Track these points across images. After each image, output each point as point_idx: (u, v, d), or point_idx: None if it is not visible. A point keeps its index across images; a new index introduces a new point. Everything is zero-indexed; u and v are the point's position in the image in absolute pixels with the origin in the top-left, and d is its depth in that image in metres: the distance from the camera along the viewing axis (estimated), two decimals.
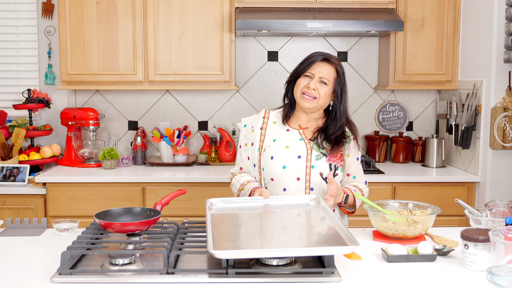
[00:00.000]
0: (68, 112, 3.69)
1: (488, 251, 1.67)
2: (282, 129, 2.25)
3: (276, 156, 2.18)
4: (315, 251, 1.61)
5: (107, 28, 3.50)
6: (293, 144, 2.20)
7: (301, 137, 2.22)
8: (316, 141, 2.21)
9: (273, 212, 1.99)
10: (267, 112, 2.32)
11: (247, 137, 2.29)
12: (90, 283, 1.57)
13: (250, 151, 2.26)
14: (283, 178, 2.17)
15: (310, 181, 2.18)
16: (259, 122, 2.28)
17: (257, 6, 3.50)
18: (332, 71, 2.18)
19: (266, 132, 2.25)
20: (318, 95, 2.15)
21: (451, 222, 3.31)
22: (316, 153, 2.19)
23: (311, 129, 2.25)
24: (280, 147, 2.19)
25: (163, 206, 1.98)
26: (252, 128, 2.28)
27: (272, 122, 2.28)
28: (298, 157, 2.18)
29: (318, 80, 2.15)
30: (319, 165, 2.18)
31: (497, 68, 3.20)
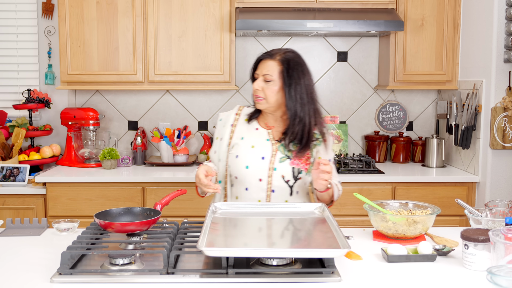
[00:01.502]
0: (68, 112, 3.69)
1: (488, 251, 1.67)
2: (251, 128, 2.24)
3: (241, 155, 2.18)
4: (306, 252, 1.61)
5: (107, 28, 3.50)
6: (259, 144, 2.19)
7: (269, 137, 2.21)
8: (283, 142, 2.17)
9: (276, 218, 1.99)
10: (240, 108, 2.31)
11: (219, 131, 2.30)
12: (90, 283, 1.57)
13: (218, 145, 2.26)
14: (246, 177, 2.17)
15: (271, 183, 2.16)
16: (230, 118, 2.28)
17: (257, 6, 3.50)
18: (274, 65, 2.11)
19: (236, 129, 2.25)
20: (265, 94, 2.11)
21: (451, 222, 3.31)
22: (281, 155, 2.16)
23: (279, 129, 2.21)
24: (246, 147, 2.19)
25: (163, 206, 1.98)
26: (224, 123, 2.29)
27: (244, 120, 2.27)
28: (262, 158, 2.16)
29: (262, 80, 2.12)
30: (282, 167, 2.15)
31: (497, 68, 3.20)
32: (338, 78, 3.96)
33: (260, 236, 1.81)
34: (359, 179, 3.35)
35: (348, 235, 2.01)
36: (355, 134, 4.00)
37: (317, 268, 1.63)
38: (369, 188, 3.36)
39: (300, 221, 1.95)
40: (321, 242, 1.71)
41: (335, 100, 3.97)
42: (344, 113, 3.98)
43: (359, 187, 3.35)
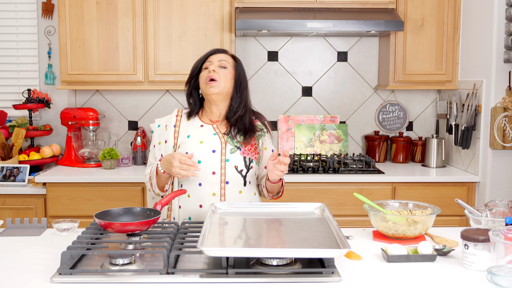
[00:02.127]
0: (68, 112, 3.69)
1: (488, 251, 1.67)
2: (196, 125, 2.27)
3: (191, 151, 2.19)
4: (306, 252, 1.61)
5: (107, 28, 3.50)
6: (207, 138, 2.22)
7: (215, 131, 2.25)
8: (230, 134, 2.24)
9: (276, 218, 1.99)
10: (180, 111, 2.34)
11: (161, 136, 2.29)
12: (90, 283, 1.57)
13: (164, 148, 2.25)
14: (199, 173, 2.17)
15: (225, 175, 2.19)
16: (172, 120, 2.30)
17: (257, 6, 3.50)
18: (229, 57, 2.27)
19: (180, 129, 2.27)
20: (219, 77, 2.19)
21: (451, 222, 3.31)
22: (231, 147, 2.22)
23: (224, 123, 2.28)
24: (195, 143, 2.21)
25: (163, 206, 1.98)
26: (166, 127, 2.29)
27: (186, 120, 2.30)
28: (213, 152, 2.20)
29: (217, 65, 2.21)
30: (234, 158, 2.20)
31: (497, 68, 3.20)
32: (338, 78, 3.96)
33: (260, 236, 1.81)
34: (359, 179, 3.35)
35: (348, 235, 2.01)
36: (355, 134, 4.00)
37: (317, 268, 1.63)
38: (369, 188, 3.36)
39: (300, 221, 1.95)
40: (321, 242, 1.71)
41: (335, 100, 3.97)
42: (344, 113, 3.98)
43: (359, 187, 3.35)
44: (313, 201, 3.16)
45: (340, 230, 1.74)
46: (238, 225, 1.91)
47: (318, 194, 3.35)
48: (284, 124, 3.95)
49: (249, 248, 1.66)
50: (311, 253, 1.61)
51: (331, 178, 3.36)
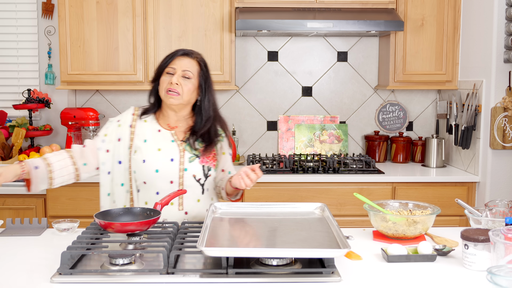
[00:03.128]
0: (68, 112, 3.69)
1: (488, 251, 1.67)
2: (153, 129, 2.18)
3: (148, 159, 2.12)
4: (306, 252, 1.61)
5: (107, 28, 3.50)
6: (165, 146, 2.15)
7: (173, 138, 2.18)
8: (188, 142, 2.17)
9: (276, 218, 1.99)
10: (136, 109, 2.23)
11: (110, 129, 2.19)
12: (90, 283, 1.57)
13: (114, 145, 2.16)
14: (156, 181, 2.13)
15: (183, 184, 2.15)
16: (128, 119, 2.20)
17: (257, 6, 3.50)
18: (194, 65, 2.15)
19: (136, 130, 2.18)
20: (182, 90, 2.10)
21: (451, 222, 3.31)
22: (189, 155, 2.16)
23: (182, 129, 2.20)
24: (152, 150, 2.14)
25: (163, 206, 1.98)
26: (118, 123, 2.20)
27: (143, 121, 2.20)
28: (171, 160, 2.13)
29: (181, 75, 2.11)
30: (192, 167, 2.15)
31: (497, 68, 3.20)
32: (338, 78, 3.96)
33: (260, 236, 1.81)
34: (359, 179, 3.35)
35: (348, 235, 2.01)
36: (355, 134, 4.00)
37: (317, 268, 1.63)
38: (369, 188, 3.36)
39: (300, 221, 1.95)
40: (321, 242, 1.71)
41: (335, 100, 3.97)
42: (344, 113, 3.98)
43: (359, 187, 3.35)
44: (313, 201, 3.17)
45: (340, 230, 1.74)
46: (238, 225, 1.91)
47: (318, 194, 3.35)
48: (284, 124, 3.95)
49: (249, 248, 1.66)
50: (311, 253, 1.61)
51: (331, 178, 3.36)
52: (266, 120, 3.97)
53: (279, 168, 3.46)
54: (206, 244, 1.63)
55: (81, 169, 2.17)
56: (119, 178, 2.18)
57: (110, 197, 2.21)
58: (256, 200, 3.32)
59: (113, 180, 2.19)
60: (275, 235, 1.81)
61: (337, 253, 1.61)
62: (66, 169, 2.13)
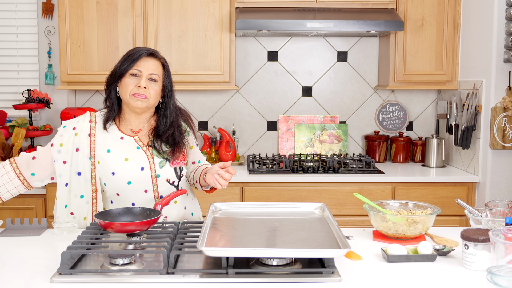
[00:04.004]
0: (68, 112, 3.68)
1: (488, 251, 1.67)
2: (115, 137, 2.07)
3: (118, 171, 2.03)
4: (306, 252, 1.61)
5: (107, 28, 3.50)
6: (131, 154, 2.06)
7: (138, 144, 2.08)
8: (154, 146, 2.09)
9: (276, 218, 1.99)
10: (92, 115, 2.10)
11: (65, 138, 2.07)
12: (90, 283, 1.57)
13: (72, 156, 2.05)
14: (129, 192, 2.07)
15: (158, 191, 2.10)
16: (85, 127, 2.07)
17: (257, 6, 3.50)
18: (159, 66, 2.06)
19: (96, 139, 2.06)
20: (149, 94, 2.01)
21: (451, 222, 3.31)
22: (159, 160, 2.08)
23: (145, 132, 2.12)
24: (119, 161, 2.04)
25: (163, 206, 1.98)
26: (74, 131, 2.07)
27: (102, 128, 2.08)
28: (142, 169, 2.05)
29: (147, 78, 2.01)
30: (165, 172, 2.09)
31: (497, 68, 3.20)
32: (338, 78, 3.96)
33: (260, 236, 1.81)
34: (359, 179, 3.35)
35: (348, 235, 2.00)
36: (355, 134, 4.00)
37: (317, 268, 1.63)
38: (369, 188, 3.36)
39: (300, 221, 1.95)
40: (321, 242, 1.71)
41: (335, 100, 3.97)
42: (344, 113, 3.98)
43: (359, 187, 3.35)
44: (313, 201, 3.17)
45: (340, 230, 1.74)
46: (238, 225, 1.91)
47: (318, 194, 3.35)
48: (284, 124, 3.95)
49: (249, 248, 1.65)
50: (311, 253, 1.61)
51: (331, 178, 3.36)
52: (266, 120, 3.97)
53: (279, 168, 3.47)
54: (206, 244, 1.63)
55: (30, 179, 2.08)
56: (78, 189, 2.08)
57: (67, 209, 2.11)
58: (256, 200, 3.32)
59: (71, 191, 2.08)
60: (275, 235, 1.81)
61: (337, 253, 1.61)
62: (11, 183, 2.06)
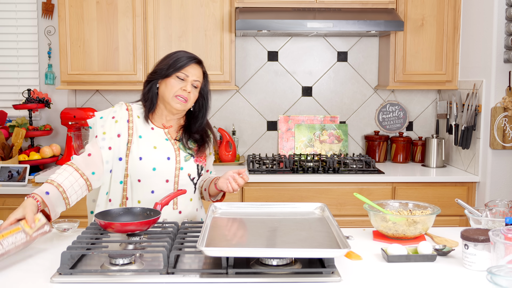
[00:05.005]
0: (68, 112, 3.69)
1: (488, 251, 1.67)
2: (146, 127, 2.18)
3: (145, 157, 2.11)
4: (306, 252, 1.61)
5: (107, 28, 3.50)
6: (160, 144, 2.15)
7: (167, 136, 2.18)
8: (182, 141, 2.19)
9: (276, 218, 1.99)
10: (128, 104, 2.22)
11: (106, 128, 2.14)
12: (90, 283, 1.57)
13: (115, 142, 2.12)
14: (152, 179, 2.12)
15: (178, 183, 2.16)
16: (123, 114, 2.17)
17: (257, 6, 3.50)
18: (201, 74, 2.19)
19: (133, 125, 2.16)
20: (190, 98, 2.13)
21: (451, 222, 3.31)
22: (184, 154, 2.17)
23: (174, 128, 2.22)
24: (147, 147, 2.12)
25: (163, 206, 1.98)
26: (114, 119, 2.16)
27: (137, 117, 2.19)
28: (168, 159, 2.13)
29: (191, 83, 2.13)
30: (188, 166, 2.17)
31: (497, 68, 3.20)
32: (338, 78, 3.96)
33: (260, 236, 1.81)
34: (359, 179, 3.35)
35: (348, 235, 2.01)
36: (355, 134, 4.00)
37: (317, 268, 1.63)
38: (369, 188, 3.36)
39: (300, 221, 1.95)
40: (321, 242, 1.71)
41: (335, 100, 3.97)
42: (344, 113, 3.98)
43: (359, 187, 3.35)
44: (313, 201, 3.17)
45: (340, 230, 1.74)
46: (238, 225, 1.91)
47: (318, 194, 3.35)
48: (284, 124, 3.95)
49: (249, 248, 1.66)
50: (311, 253, 1.62)
51: (331, 178, 3.36)
52: (266, 120, 3.97)
53: (279, 168, 3.47)
54: (206, 244, 1.63)
55: (91, 178, 2.09)
56: (118, 175, 2.13)
57: (107, 196, 2.16)
58: (256, 200, 3.32)
59: (112, 177, 2.14)
60: (275, 235, 1.81)
61: (337, 253, 1.61)
62: (77, 183, 2.04)
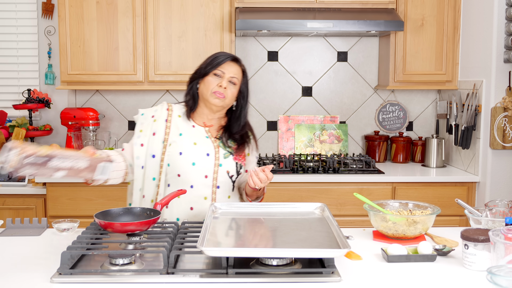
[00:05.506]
0: (68, 112, 3.69)
1: (488, 251, 1.67)
2: (187, 125, 2.24)
3: (185, 152, 2.17)
4: (306, 252, 1.61)
5: (107, 28, 3.50)
6: (200, 141, 2.21)
7: (207, 134, 2.24)
8: (222, 140, 2.24)
9: (276, 218, 1.99)
10: (169, 104, 2.28)
11: (145, 125, 2.22)
12: (90, 283, 1.57)
13: (149, 140, 2.19)
14: (191, 175, 2.16)
15: (217, 179, 2.20)
16: (163, 114, 2.24)
17: (257, 6, 3.50)
18: (239, 71, 2.23)
19: (172, 124, 2.22)
20: (227, 94, 2.17)
21: (451, 222, 3.31)
22: (223, 152, 2.22)
23: (215, 128, 2.27)
24: (188, 143, 2.19)
25: (163, 206, 1.98)
26: (153, 118, 2.24)
27: (177, 116, 2.25)
28: (207, 155, 2.19)
29: (228, 80, 2.18)
30: (227, 163, 2.21)
31: (497, 68, 3.20)
32: (338, 78, 3.96)
33: (260, 236, 1.81)
34: (359, 179, 3.35)
35: (348, 235, 2.01)
36: (355, 134, 4.00)
37: (317, 268, 1.63)
38: (369, 188, 3.36)
39: (300, 221, 1.95)
40: (321, 242, 1.71)
41: (335, 100, 3.97)
42: (344, 113, 3.98)
43: (359, 187, 3.35)
44: (313, 201, 3.17)
45: (340, 230, 1.74)
46: (238, 225, 1.91)
47: (318, 194, 3.35)
48: (284, 124, 3.95)
49: (249, 248, 1.66)
50: (311, 253, 1.61)
51: (331, 178, 3.36)
52: (266, 120, 3.97)
53: (279, 168, 3.47)
54: (206, 244, 1.63)
55: (128, 168, 2.20)
56: (151, 172, 2.19)
57: (141, 192, 2.22)
58: None
59: (144, 174, 2.20)
60: (275, 235, 1.81)
61: (337, 253, 1.61)
62: (119, 164, 2.16)
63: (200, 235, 1.65)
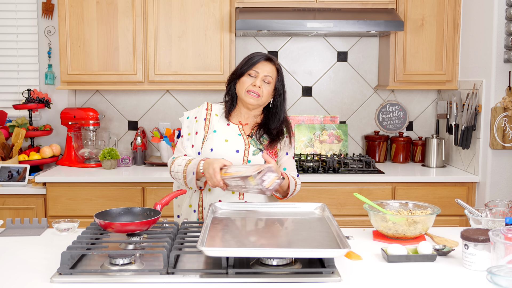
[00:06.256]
0: (68, 112, 3.69)
1: (488, 251, 1.67)
2: (223, 123, 2.32)
3: (216, 148, 2.25)
4: (306, 252, 1.61)
5: (107, 28, 3.50)
6: (232, 138, 2.28)
7: (240, 132, 2.30)
8: (254, 136, 2.30)
9: (276, 218, 1.99)
10: (209, 104, 2.37)
11: (190, 127, 2.33)
12: (90, 283, 1.57)
13: (194, 139, 2.30)
14: None
15: None
16: (202, 113, 2.34)
17: (257, 6, 3.50)
18: (274, 70, 2.28)
19: (210, 123, 2.32)
20: (262, 93, 2.23)
21: (451, 222, 3.31)
22: (253, 149, 2.28)
23: (250, 126, 2.34)
24: (220, 140, 2.26)
25: (163, 206, 1.98)
26: (196, 119, 2.33)
27: (215, 115, 2.34)
28: (236, 151, 2.25)
29: (262, 79, 2.24)
30: (256, 160, 2.26)
31: (497, 68, 3.20)
32: (338, 78, 3.96)
33: (260, 236, 1.81)
34: (359, 179, 3.35)
35: (348, 235, 2.01)
36: (355, 134, 4.00)
37: (317, 268, 1.63)
38: (369, 188, 3.36)
39: (300, 221, 1.95)
40: (321, 242, 1.71)
41: (335, 100, 3.97)
42: (344, 113, 3.98)
43: (359, 187, 3.35)
44: (313, 201, 3.16)
45: (340, 230, 1.74)
46: (238, 225, 1.91)
47: (318, 194, 3.35)
48: None
49: (249, 248, 1.66)
50: (311, 253, 1.62)
51: (331, 178, 3.36)
52: None
53: None
54: (206, 244, 1.64)
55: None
56: None
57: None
58: None
59: None
60: (275, 235, 1.81)
61: (337, 253, 1.61)
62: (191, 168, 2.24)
63: (200, 235, 1.65)
